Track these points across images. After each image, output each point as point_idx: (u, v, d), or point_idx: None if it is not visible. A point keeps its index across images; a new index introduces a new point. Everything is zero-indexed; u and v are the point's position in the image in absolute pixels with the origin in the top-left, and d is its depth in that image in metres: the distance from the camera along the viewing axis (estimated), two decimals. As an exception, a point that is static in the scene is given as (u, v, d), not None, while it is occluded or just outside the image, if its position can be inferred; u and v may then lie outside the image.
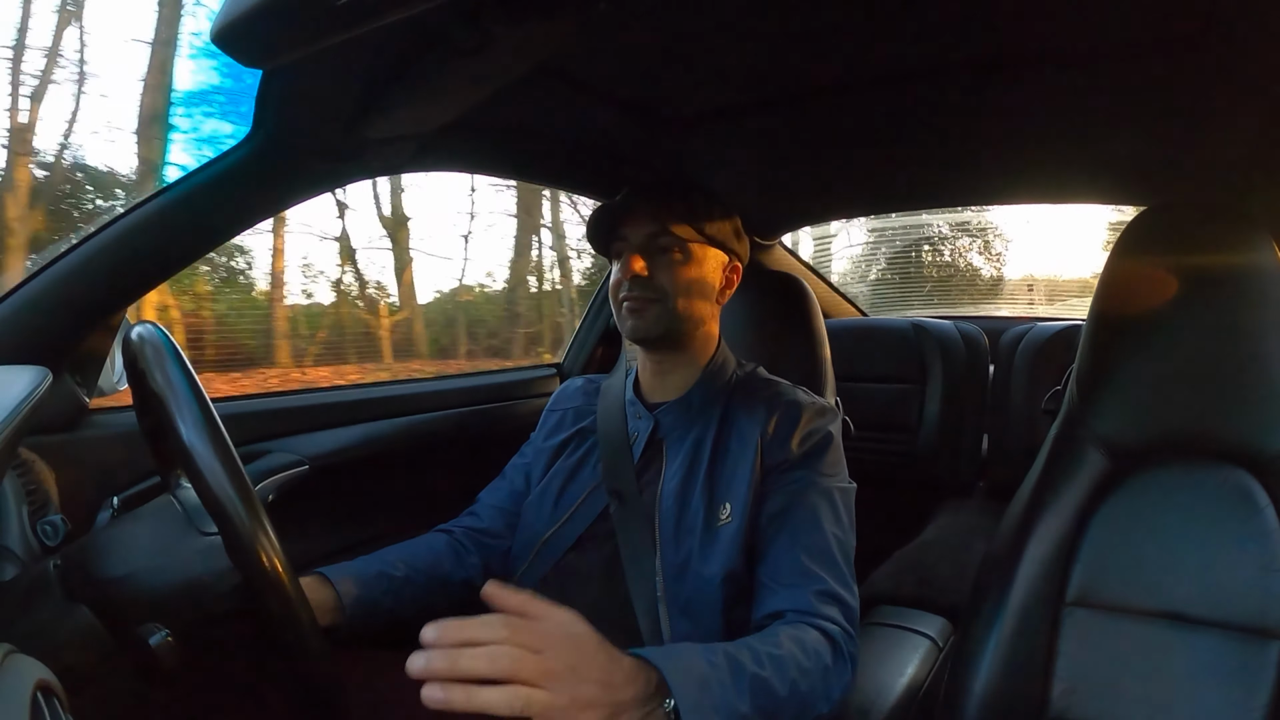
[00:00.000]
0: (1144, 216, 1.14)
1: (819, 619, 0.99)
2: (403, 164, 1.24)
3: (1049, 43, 1.09)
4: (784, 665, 0.88)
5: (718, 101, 1.36)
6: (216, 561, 0.80)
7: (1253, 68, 1.08)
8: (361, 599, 1.08)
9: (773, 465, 1.11)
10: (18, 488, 0.99)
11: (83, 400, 1.15)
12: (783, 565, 1.05)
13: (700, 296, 1.19)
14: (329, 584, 1.07)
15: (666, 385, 1.24)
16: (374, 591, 1.10)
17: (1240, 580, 0.97)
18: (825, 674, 0.93)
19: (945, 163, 1.71)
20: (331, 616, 1.04)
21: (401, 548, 1.21)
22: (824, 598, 1.01)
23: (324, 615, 1.01)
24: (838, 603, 1.02)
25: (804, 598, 1.01)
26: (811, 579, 1.02)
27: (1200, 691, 0.95)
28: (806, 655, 0.92)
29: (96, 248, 1.06)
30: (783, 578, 1.04)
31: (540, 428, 1.37)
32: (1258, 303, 1.03)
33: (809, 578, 1.02)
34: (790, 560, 1.04)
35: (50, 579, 0.80)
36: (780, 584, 1.04)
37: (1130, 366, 1.10)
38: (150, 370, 0.77)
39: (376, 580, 1.12)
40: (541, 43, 0.85)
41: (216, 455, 0.73)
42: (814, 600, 1.00)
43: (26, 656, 0.63)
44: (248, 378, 4.99)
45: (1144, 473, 1.06)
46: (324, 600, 1.04)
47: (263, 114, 1.04)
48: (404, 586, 1.14)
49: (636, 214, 1.18)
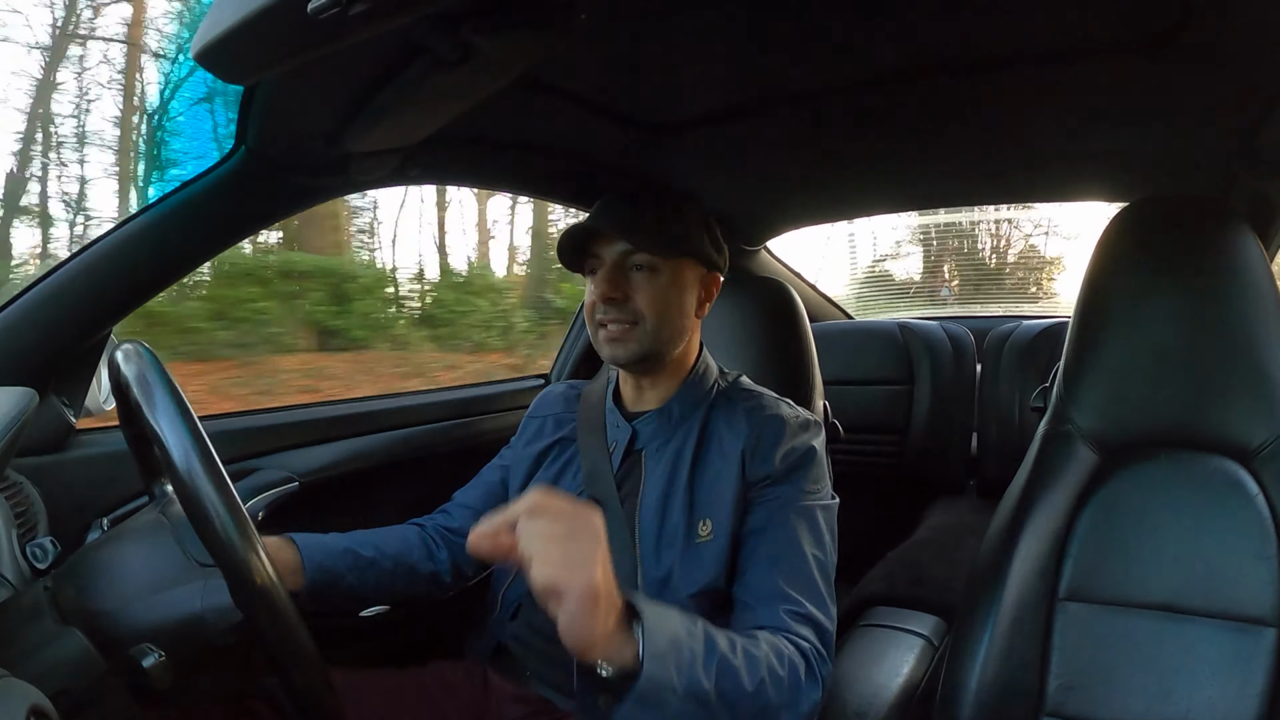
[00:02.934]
0: (1126, 211, 1.15)
1: (794, 636, 0.99)
2: (387, 177, 1.24)
3: (1028, 42, 1.10)
4: (756, 663, 0.88)
5: (699, 108, 1.36)
6: (217, 599, 0.80)
7: (1232, 62, 1.09)
8: (324, 567, 1.09)
9: (755, 480, 1.11)
10: (6, 510, 0.98)
11: (70, 421, 1.14)
12: (760, 585, 1.05)
13: (679, 314, 1.17)
14: (294, 547, 1.08)
15: (646, 396, 1.23)
16: (338, 565, 1.11)
17: (1232, 569, 0.97)
18: (795, 687, 0.93)
19: (928, 164, 1.72)
20: (292, 580, 1.05)
21: (373, 532, 1.21)
22: (799, 619, 1.01)
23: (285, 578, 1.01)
24: (813, 625, 1.01)
25: (779, 617, 1.01)
26: (788, 600, 1.02)
27: (1195, 682, 0.95)
28: (780, 663, 0.92)
29: (81, 267, 1.05)
30: (760, 597, 1.04)
31: (520, 434, 1.36)
32: (1241, 294, 1.04)
33: (786, 599, 1.02)
34: (768, 581, 1.04)
35: (42, 602, 0.79)
36: (757, 603, 1.04)
37: (1116, 361, 1.10)
38: (136, 389, 0.77)
39: (342, 555, 1.13)
40: (522, 54, 0.85)
41: (210, 481, 0.73)
42: (789, 620, 1.00)
43: (19, 680, 0.63)
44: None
45: (1133, 466, 1.07)
46: (287, 561, 1.06)
47: (245, 130, 1.04)
48: (369, 567, 1.15)
49: (608, 232, 1.15)
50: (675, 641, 0.79)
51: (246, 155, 1.08)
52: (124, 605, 0.79)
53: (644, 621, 0.76)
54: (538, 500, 0.73)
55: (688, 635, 0.81)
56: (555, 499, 0.74)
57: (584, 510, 0.75)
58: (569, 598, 0.69)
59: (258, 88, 0.96)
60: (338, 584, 1.11)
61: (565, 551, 0.70)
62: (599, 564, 0.71)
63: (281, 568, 0.94)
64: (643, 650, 0.75)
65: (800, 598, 1.02)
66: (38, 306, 1.04)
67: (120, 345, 0.83)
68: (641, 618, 0.76)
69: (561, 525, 0.72)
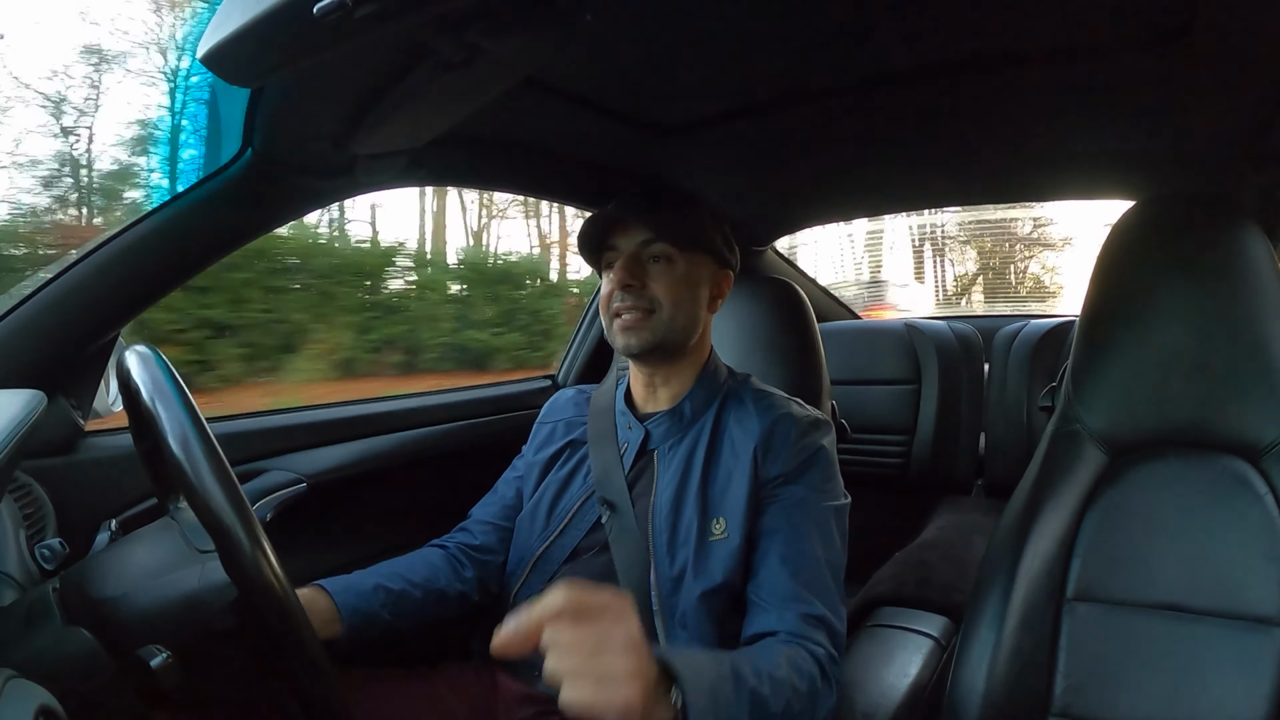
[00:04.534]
0: (1135, 210, 1.14)
1: (808, 642, 0.99)
2: (393, 179, 1.24)
3: (1037, 40, 1.10)
4: (781, 686, 0.89)
5: (706, 108, 1.36)
6: (213, 577, 0.80)
7: (1241, 59, 1.08)
8: (359, 611, 1.09)
9: (767, 479, 1.11)
10: (15, 511, 0.99)
11: (78, 423, 1.15)
12: (773, 586, 1.05)
13: (693, 306, 1.19)
14: (327, 595, 1.07)
15: (658, 396, 1.23)
16: (372, 604, 1.11)
17: (1241, 569, 0.97)
18: (814, 697, 0.94)
19: (936, 163, 1.71)
20: (330, 629, 1.05)
21: (398, 562, 1.21)
22: (812, 621, 1.01)
23: (322, 627, 1.01)
24: (825, 627, 1.02)
25: (793, 620, 1.01)
26: (801, 602, 1.02)
27: (1204, 682, 0.95)
28: (800, 678, 0.93)
29: (89, 270, 1.06)
30: (772, 598, 1.04)
31: (531, 440, 1.37)
32: (1249, 293, 1.03)
33: (798, 600, 1.03)
34: (780, 582, 1.05)
35: (50, 603, 0.79)
36: (770, 604, 1.04)
37: (1124, 360, 1.10)
38: (144, 392, 0.77)
39: (374, 593, 1.12)
40: (528, 55, 0.85)
41: (213, 475, 0.73)
42: (802, 624, 1.01)
43: (28, 681, 0.64)
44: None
45: (1141, 466, 1.07)
46: (322, 611, 1.05)
47: (252, 132, 1.04)
48: (400, 600, 1.15)
49: (627, 223, 1.18)
50: (712, 691, 0.78)
51: (253, 158, 1.08)
52: (125, 592, 0.79)
53: (683, 684, 0.75)
54: (564, 603, 0.68)
55: (720, 680, 0.81)
56: (583, 596, 0.69)
57: (614, 608, 0.70)
58: (607, 716, 0.67)
59: (264, 90, 0.96)
60: (374, 624, 1.11)
61: (597, 668, 0.67)
62: (637, 678, 0.68)
63: (316, 619, 0.94)
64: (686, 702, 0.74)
65: (813, 599, 1.03)
66: (46, 309, 1.04)
67: (128, 348, 0.84)
68: (679, 680, 0.75)
69: (591, 635, 0.68)
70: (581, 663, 0.67)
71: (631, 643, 0.69)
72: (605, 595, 0.70)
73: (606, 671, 0.67)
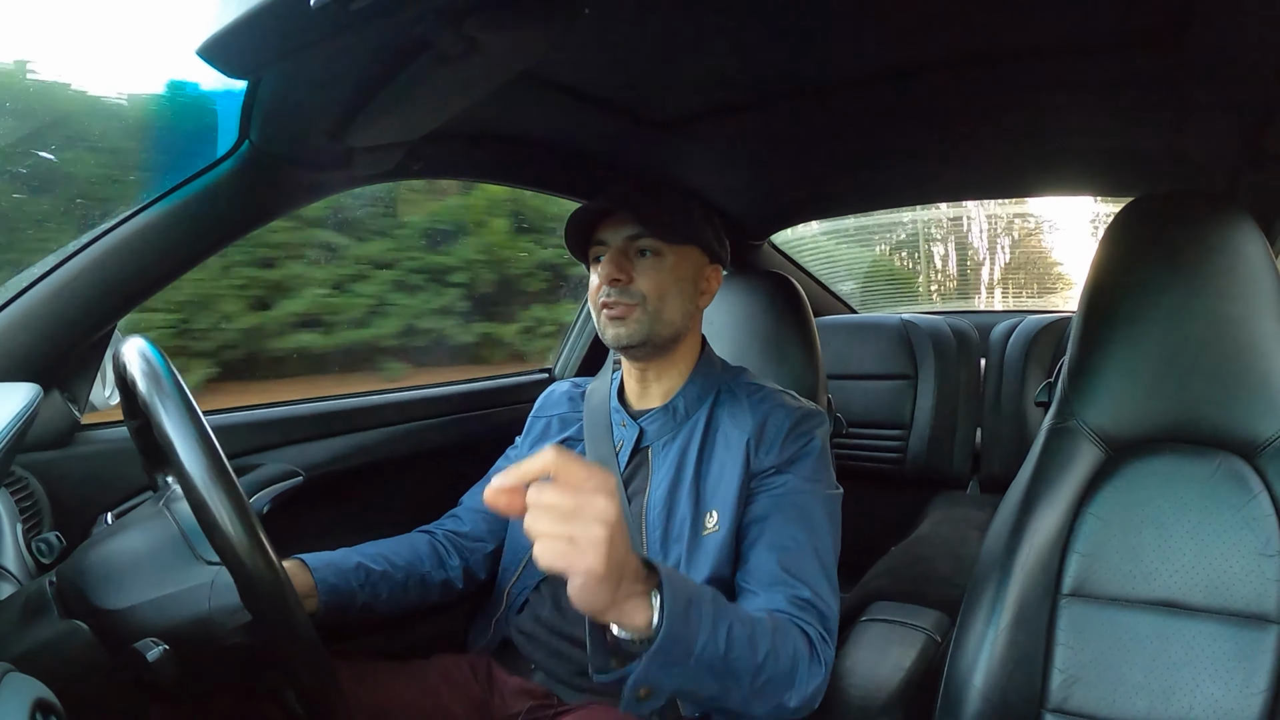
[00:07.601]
0: (1132, 206, 1.15)
1: (798, 620, 0.99)
2: (390, 171, 1.23)
3: (1035, 37, 1.10)
4: (763, 636, 0.89)
5: (702, 102, 1.36)
6: (225, 599, 0.79)
7: (1239, 58, 1.09)
8: (337, 588, 1.10)
9: (758, 470, 1.11)
10: (12, 505, 0.99)
11: (74, 416, 1.14)
12: (762, 571, 1.05)
13: (681, 299, 1.18)
14: (306, 569, 1.08)
15: (650, 392, 1.23)
16: (350, 583, 1.12)
17: (1236, 566, 0.97)
18: (795, 665, 0.93)
19: (933, 158, 1.71)
20: (307, 603, 1.05)
21: (383, 544, 1.22)
22: (801, 604, 1.01)
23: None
24: (814, 610, 1.02)
25: (780, 601, 1.01)
26: (788, 586, 1.03)
27: (1199, 679, 0.95)
28: (785, 642, 0.93)
29: (85, 262, 1.05)
30: (761, 583, 1.04)
31: (526, 434, 1.37)
32: (1246, 290, 1.04)
33: (785, 585, 1.03)
34: (769, 567, 1.05)
35: (47, 597, 0.79)
36: (759, 589, 1.04)
37: (1121, 356, 1.10)
38: (141, 384, 0.77)
39: (354, 572, 1.13)
40: (525, 48, 0.85)
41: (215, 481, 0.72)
42: (791, 605, 1.01)
43: (25, 675, 0.63)
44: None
45: (1137, 462, 1.07)
46: (301, 584, 1.06)
47: (249, 125, 1.04)
48: (381, 581, 1.16)
49: (614, 217, 1.17)
50: (692, 603, 0.80)
51: (250, 150, 1.08)
52: (131, 606, 0.78)
53: (662, 582, 0.77)
54: (550, 464, 0.70)
55: (699, 599, 0.82)
56: (569, 463, 0.70)
57: (596, 481, 0.71)
58: (573, 578, 0.69)
59: (261, 83, 0.95)
60: (351, 602, 1.12)
61: (570, 533, 0.68)
62: (605, 545, 0.68)
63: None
64: (663, 608, 0.76)
65: (800, 583, 1.03)
66: (42, 302, 1.04)
67: (124, 340, 0.83)
68: (661, 584, 0.77)
69: (570, 501, 0.69)
70: (556, 524, 0.69)
71: (606, 515, 0.69)
72: (591, 467, 0.72)
73: (578, 536, 0.68)
